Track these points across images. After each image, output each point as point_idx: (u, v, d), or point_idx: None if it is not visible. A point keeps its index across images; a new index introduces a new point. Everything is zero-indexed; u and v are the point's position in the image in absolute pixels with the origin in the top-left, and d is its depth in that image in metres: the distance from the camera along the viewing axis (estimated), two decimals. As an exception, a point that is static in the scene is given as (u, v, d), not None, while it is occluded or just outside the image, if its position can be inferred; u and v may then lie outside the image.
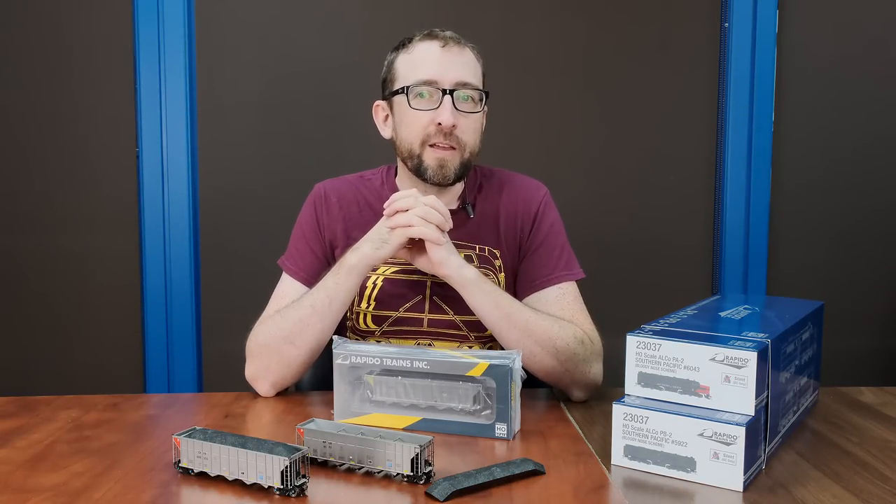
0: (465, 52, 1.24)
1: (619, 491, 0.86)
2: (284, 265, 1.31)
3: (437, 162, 1.22)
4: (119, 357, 2.07)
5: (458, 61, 1.23)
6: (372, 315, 1.27)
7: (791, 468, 0.91)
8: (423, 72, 1.22)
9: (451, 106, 1.20)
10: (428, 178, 1.23)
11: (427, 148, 1.22)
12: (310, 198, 1.34)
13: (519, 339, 1.15)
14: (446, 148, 1.22)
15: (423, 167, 1.23)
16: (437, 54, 1.22)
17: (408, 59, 1.25)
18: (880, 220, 2.13)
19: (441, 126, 1.20)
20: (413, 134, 1.23)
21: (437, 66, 1.21)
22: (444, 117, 1.19)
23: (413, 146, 1.23)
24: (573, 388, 1.18)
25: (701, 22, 2.08)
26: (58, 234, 2.05)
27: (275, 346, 1.18)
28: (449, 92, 1.20)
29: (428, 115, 1.21)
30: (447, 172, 1.22)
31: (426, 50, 1.23)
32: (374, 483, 0.87)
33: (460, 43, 1.24)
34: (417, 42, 1.25)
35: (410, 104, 1.22)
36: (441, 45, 1.22)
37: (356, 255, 1.16)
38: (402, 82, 1.24)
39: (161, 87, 2.01)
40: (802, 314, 1.07)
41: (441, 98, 1.20)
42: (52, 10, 2.01)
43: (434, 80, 1.21)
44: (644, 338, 0.92)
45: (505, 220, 1.30)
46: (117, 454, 0.95)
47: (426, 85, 1.21)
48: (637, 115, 2.09)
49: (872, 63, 2.10)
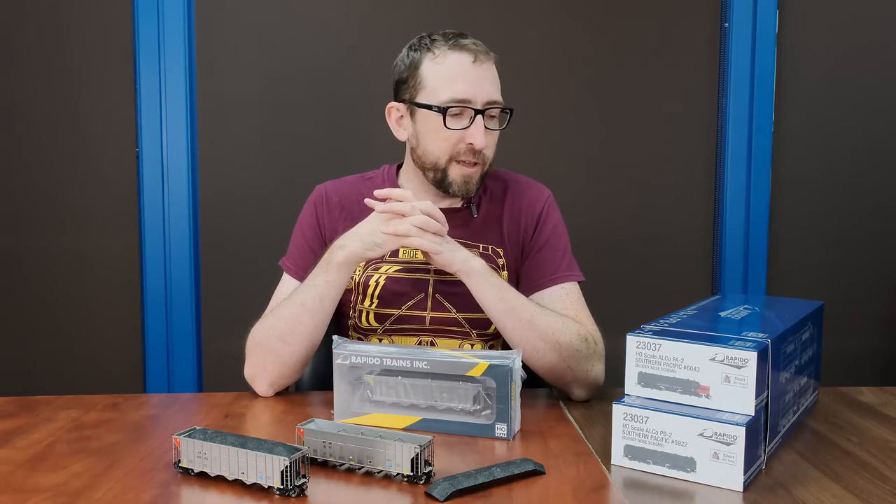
0: (492, 66, 1.23)
1: (619, 491, 0.86)
2: (285, 265, 1.31)
3: (462, 178, 1.23)
4: (119, 357, 2.07)
5: (488, 78, 1.22)
6: (374, 313, 1.27)
7: (791, 468, 0.91)
8: (457, 90, 1.20)
9: (482, 127, 1.20)
10: (452, 192, 1.25)
11: (453, 163, 1.23)
12: (310, 199, 1.34)
13: (522, 334, 1.15)
14: (471, 164, 1.23)
15: (447, 181, 1.24)
16: (469, 70, 1.20)
17: (438, 71, 1.22)
18: (880, 220, 2.13)
19: (471, 146, 1.20)
20: (441, 150, 1.23)
21: (471, 84, 1.20)
22: (478, 140, 1.20)
23: (439, 161, 1.24)
24: (574, 387, 1.18)
25: (701, 22, 2.08)
26: (58, 234, 2.05)
27: (269, 345, 1.18)
28: (481, 111, 1.20)
29: (458, 134, 1.21)
30: (471, 187, 1.24)
31: (458, 64, 1.21)
32: (374, 483, 0.87)
33: (488, 55, 1.23)
34: (447, 51, 1.21)
35: (446, 124, 1.21)
36: (472, 59, 1.21)
37: (344, 252, 1.16)
38: (433, 96, 1.22)
39: (161, 87, 2.01)
40: (802, 314, 1.07)
41: (473, 117, 1.20)
42: (52, 10, 2.01)
43: (468, 99, 1.20)
44: (644, 338, 0.92)
45: (509, 220, 1.31)
46: (117, 454, 0.95)
47: (460, 103, 1.20)
48: (637, 114, 2.09)
49: (872, 63, 2.10)
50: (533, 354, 1.15)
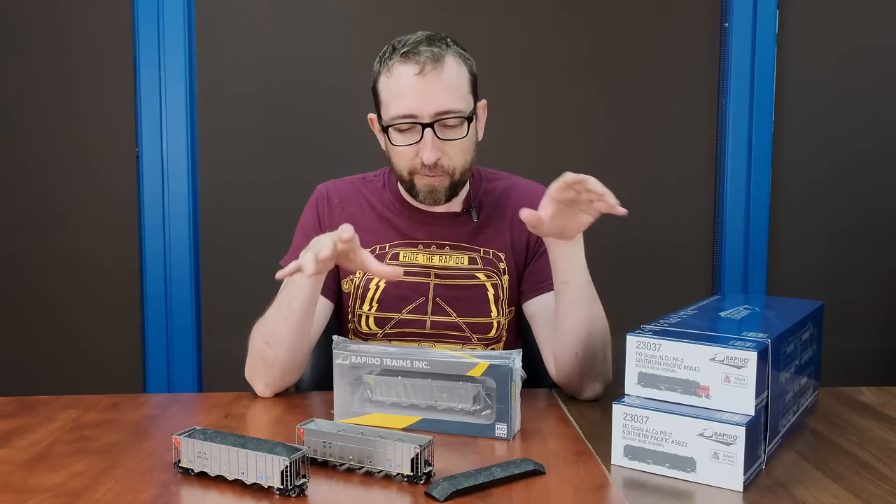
0: (442, 73, 1.15)
1: (619, 491, 0.86)
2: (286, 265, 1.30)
3: (426, 188, 1.22)
4: (119, 357, 2.07)
5: (436, 88, 1.15)
6: (374, 317, 1.27)
7: (791, 468, 0.91)
8: (401, 105, 1.16)
9: (431, 140, 1.16)
10: (420, 200, 1.24)
11: (416, 175, 1.21)
12: (312, 199, 1.34)
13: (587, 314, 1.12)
14: (433, 176, 1.20)
15: (414, 191, 1.23)
16: (413, 84, 1.15)
17: (387, 86, 1.18)
18: (880, 220, 2.13)
19: (423, 161, 1.18)
20: (401, 164, 1.22)
21: (415, 98, 1.15)
22: (426, 155, 1.16)
23: (402, 173, 1.23)
24: (596, 381, 1.17)
25: (701, 22, 2.08)
26: (58, 234, 2.05)
27: (256, 347, 1.18)
28: (430, 125, 1.16)
29: (411, 150, 1.19)
30: (437, 196, 1.22)
31: (403, 76, 1.15)
32: (374, 483, 0.87)
33: (439, 61, 1.15)
34: (396, 64, 1.16)
35: (391, 141, 1.19)
36: (416, 71, 1.14)
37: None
38: (385, 112, 1.19)
39: (161, 87, 2.00)
40: (802, 314, 1.07)
41: (422, 132, 1.16)
42: (53, 9, 2.01)
43: (412, 114, 1.15)
44: (644, 338, 0.92)
45: (513, 224, 1.30)
46: (117, 454, 0.95)
47: (405, 119, 1.16)
48: (637, 115, 2.09)
49: (872, 63, 2.10)
50: (586, 339, 1.12)
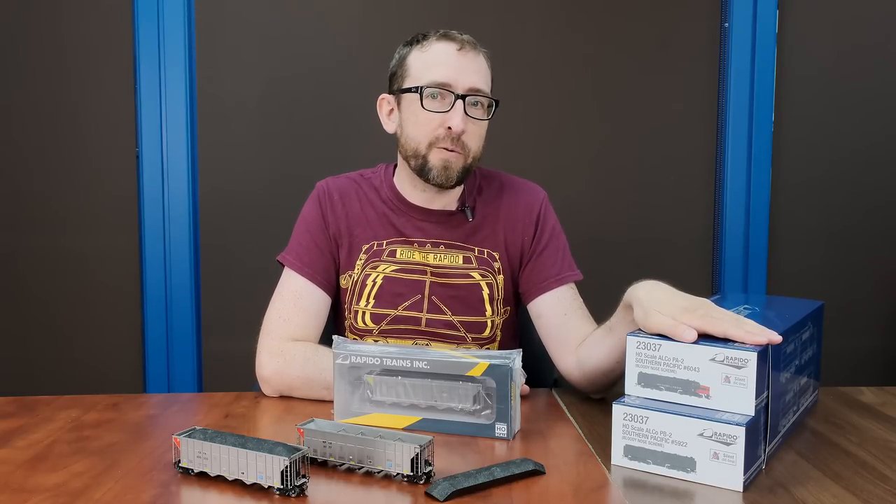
0: (479, 57, 1.24)
1: (619, 491, 0.86)
2: (286, 260, 1.29)
3: (441, 163, 1.22)
4: (119, 357, 2.07)
5: (472, 66, 1.22)
6: (371, 313, 1.27)
7: (791, 468, 0.91)
8: (438, 73, 1.21)
9: (462, 111, 1.20)
10: (431, 178, 1.23)
11: (433, 149, 1.22)
12: (313, 194, 1.34)
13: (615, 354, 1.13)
14: (452, 151, 1.22)
15: (427, 167, 1.23)
16: (453, 57, 1.21)
17: (422, 58, 1.24)
18: (880, 219, 2.13)
19: (450, 130, 1.20)
20: (421, 134, 1.23)
21: (453, 69, 1.21)
22: (455, 122, 1.19)
23: (419, 146, 1.23)
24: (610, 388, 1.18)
25: (701, 22, 2.08)
26: (58, 234, 2.05)
27: (283, 380, 1.18)
28: (462, 97, 1.20)
29: (438, 118, 1.21)
30: (451, 174, 1.22)
31: (442, 51, 1.22)
32: (374, 483, 0.87)
33: (476, 48, 1.24)
34: (434, 41, 1.23)
35: (423, 104, 1.21)
36: (458, 47, 1.22)
37: None
38: (415, 81, 1.23)
39: (161, 88, 2.01)
40: (802, 314, 1.07)
41: (453, 102, 1.20)
42: (52, 10, 2.01)
43: (448, 83, 1.20)
44: (644, 338, 0.92)
45: (506, 224, 1.31)
46: (117, 454, 0.95)
47: (440, 87, 1.21)
48: (637, 114, 2.09)
49: (872, 63, 2.10)
50: (616, 367, 1.13)
